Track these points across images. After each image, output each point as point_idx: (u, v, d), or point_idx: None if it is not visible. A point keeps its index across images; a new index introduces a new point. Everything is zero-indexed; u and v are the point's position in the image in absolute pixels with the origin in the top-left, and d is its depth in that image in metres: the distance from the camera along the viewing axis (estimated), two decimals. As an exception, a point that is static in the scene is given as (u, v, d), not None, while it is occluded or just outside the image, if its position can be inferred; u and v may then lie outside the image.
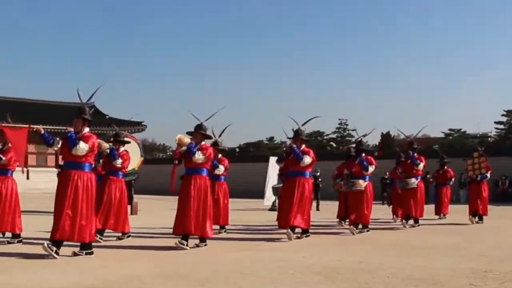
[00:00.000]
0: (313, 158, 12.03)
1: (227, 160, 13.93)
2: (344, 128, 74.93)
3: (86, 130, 9.13)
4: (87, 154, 8.94)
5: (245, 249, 10.59)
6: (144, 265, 8.53)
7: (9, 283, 6.87)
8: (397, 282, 7.10)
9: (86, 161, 9.05)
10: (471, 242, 11.97)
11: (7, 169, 10.53)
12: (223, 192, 13.61)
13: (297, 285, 6.87)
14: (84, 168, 9.00)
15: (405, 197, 15.67)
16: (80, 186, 8.81)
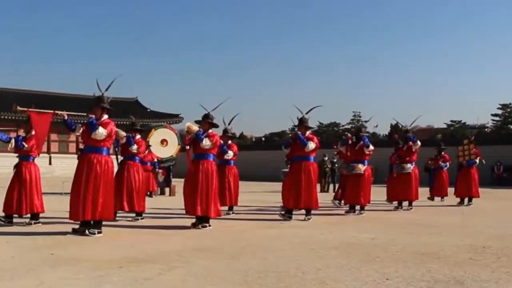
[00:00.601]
0: (316, 144, 11.93)
1: (236, 146, 13.98)
2: (357, 120, 75.45)
3: (105, 117, 9.15)
4: (105, 139, 8.96)
5: (270, 227, 10.76)
6: (180, 241, 8.69)
7: (69, 257, 7.09)
8: (405, 256, 7.24)
9: (104, 145, 9.07)
10: (471, 221, 12.06)
11: (29, 155, 10.53)
12: (233, 175, 13.48)
13: (317, 259, 7.00)
14: (102, 152, 9.04)
15: (400, 181, 15.36)
16: (98, 168, 8.82)
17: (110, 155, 9.28)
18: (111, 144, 9.43)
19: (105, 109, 9.17)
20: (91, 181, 8.75)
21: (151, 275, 5.85)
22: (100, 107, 9.11)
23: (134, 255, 7.19)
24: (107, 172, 8.99)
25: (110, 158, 9.19)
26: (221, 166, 13.07)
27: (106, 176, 8.97)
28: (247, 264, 6.58)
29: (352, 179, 13.86)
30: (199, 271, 6.11)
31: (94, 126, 8.76)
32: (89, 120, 8.92)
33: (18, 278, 5.68)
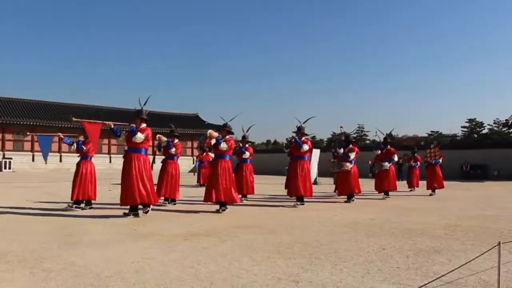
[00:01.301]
0: (310, 146, 11.93)
1: (252, 148, 14.04)
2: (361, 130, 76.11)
3: (143, 125, 9.22)
4: (143, 141, 9.00)
5: (298, 210, 10.76)
6: (228, 220, 8.73)
7: (146, 232, 7.22)
8: (397, 232, 7.23)
9: (143, 146, 9.11)
10: (447, 206, 11.92)
11: (87, 155, 10.62)
12: (248, 170, 13.44)
13: (332, 234, 7.03)
14: (141, 151, 9.09)
15: (381, 175, 15.22)
16: (137, 164, 8.89)
17: (147, 154, 9.27)
18: (148, 146, 9.36)
19: (143, 119, 9.27)
20: (133, 174, 8.82)
21: (208, 245, 5.91)
22: (139, 118, 9.22)
23: (195, 230, 7.28)
24: (144, 167, 9.00)
25: (147, 157, 9.21)
26: (240, 164, 13.42)
27: (144, 170, 8.97)
28: (279, 237, 6.62)
29: (342, 175, 13.60)
30: (243, 242, 6.17)
31: (134, 132, 8.89)
32: (131, 128, 9.05)
33: (110, 247, 5.79)
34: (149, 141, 9.22)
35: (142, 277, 4.27)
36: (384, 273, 4.51)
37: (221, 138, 10.10)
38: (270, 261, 5.00)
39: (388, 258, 5.25)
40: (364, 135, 76.50)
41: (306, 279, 4.26)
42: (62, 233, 6.87)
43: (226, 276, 4.31)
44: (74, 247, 5.74)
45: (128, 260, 4.98)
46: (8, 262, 4.82)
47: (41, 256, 5.16)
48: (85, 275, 4.32)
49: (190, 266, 4.70)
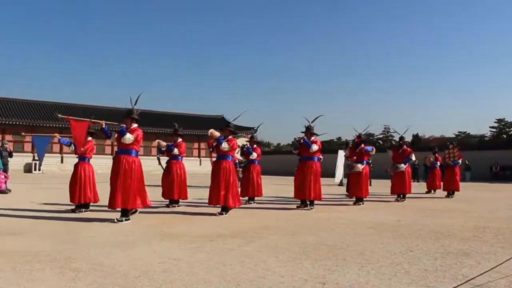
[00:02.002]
0: (319, 146, 11.31)
1: (260, 149, 13.73)
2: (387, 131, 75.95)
3: (134, 126, 8.75)
4: (133, 143, 8.51)
5: (321, 211, 10.71)
6: (254, 221, 8.75)
7: (172, 233, 7.25)
8: (424, 234, 7.16)
9: (133, 148, 8.58)
10: (475, 208, 11.77)
11: (85, 157, 10.27)
12: (256, 172, 13.08)
13: (357, 235, 6.98)
14: (131, 153, 8.56)
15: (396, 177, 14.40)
16: (127, 166, 8.39)
17: (138, 156, 8.77)
18: (139, 148, 8.83)
19: (134, 119, 8.82)
20: (121, 177, 8.35)
21: (234, 247, 5.92)
22: (130, 118, 8.78)
23: (221, 231, 7.28)
24: (135, 169, 8.49)
25: (137, 158, 8.69)
26: (247, 165, 13.23)
27: (134, 172, 8.47)
28: (305, 239, 6.60)
29: (353, 176, 13.09)
30: (269, 244, 6.16)
31: (123, 133, 8.45)
32: (120, 128, 8.61)
33: (137, 248, 5.83)
34: (140, 143, 8.77)
35: (169, 277, 4.30)
36: (411, 275, 4.46)
37: (223, 138, 9.83)
38: (296, 262, 4.99)
39: (416, 260, 5.19)
40: (390, 135, 76.37)
41: (332, 280, 4.24)
42: (90, 234, 6.95)
43: (252, 277, 4.31)
44: (102, 247, 5.81)
45: (155, 261, 5.02)
46: (39, 262, 4.90)
47: (70, 256, 5.23)
48: (112, 275, 4.37)
49: (216, 267, 4.72)
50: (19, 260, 4.99)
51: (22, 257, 5.15)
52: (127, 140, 8.44)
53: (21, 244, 6.05)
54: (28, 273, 4.43)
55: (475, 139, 67.82)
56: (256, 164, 13.31)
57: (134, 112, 8.87)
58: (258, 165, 13.36)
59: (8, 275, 4.32)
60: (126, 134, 8.44)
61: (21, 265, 4.73)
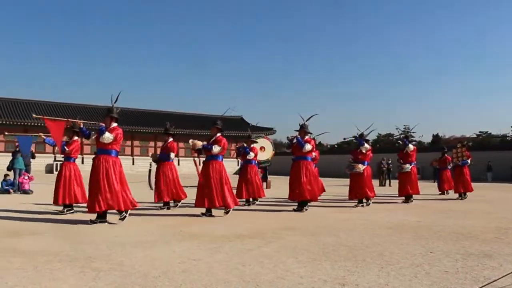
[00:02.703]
0: (313, 146, 11.00)
1: (257, 149, 13.28)
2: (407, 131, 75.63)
3: (114, 125, 8.44)
4: (112, 142, 8.18)
5: (341, 212, 10.71)
6: (273, 222, 8.74)
7: (192, 233, 7.27)
8: (445, 235, 7.09)
9: (112, 148, 8.24)
10: (496, 209, 11.63)
11: (71, 157, 10.10)
12: (253, 172, 12.63)
13: (377, 236, 6.94)
14: (111, 153, 8.22)
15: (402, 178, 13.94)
16: (107, 167, 8.06)
17: (118, 156, 8.43)
18: (119, 147, 8.48)
19: (114, 118, 8.48)
20: (101, 179, 8.01)
21: (253, 247, 5.92)
22: (109, 117, 8.44)
23: (240, 232, 7.28)
24: (114, 170, 8.16)
25: (117, 159, 8.35)
26: (244, 165, 12.80)
27: (114, 174, 8.13)
28: (324, 239, 6.57)
29: (354, 177, 12.56)
30: (288, 244, 6.15)
31: (102, 132, 8.11)
32: (100, 127, 8.25)
33: (157, 248, 5.86)
34: (120, 142, 8.43)
35: (188, 277, 4.31)
36: (432, 277, 4.42)
37: (209, 145, 9.45)
38: (316, 263, 4.97)
39: (436, 261, 5.13)
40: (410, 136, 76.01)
41: (352, 281, 4.21)
42: (109, 234, 7.00)
43: (271, 278, 4.30)
44: (122, 247, 5.84)
45: (174, 261, 5.03)
46: (60, 261, 4.94)
47: (91, 256, 5.27)
48: (132, 275, 4.39)
49: (235, 268, 4.72)
50: (40, 259, 5.05)
51: (43, 256, 5.20)
52: (106, 139, 8.13)
53: (42, 244, 6.11)
54: (49, 272, 4.47)
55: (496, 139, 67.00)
56: (254, 164, 12.94)
57: (113, 111, 8.57)
58: (255, 166, 12.99)
59: (30, 274, 4.37)
60: (105, 133, 8.14)
61: (43, 265, 4.78)
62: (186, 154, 50.73)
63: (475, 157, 16.67)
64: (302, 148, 10.73)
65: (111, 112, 8.52)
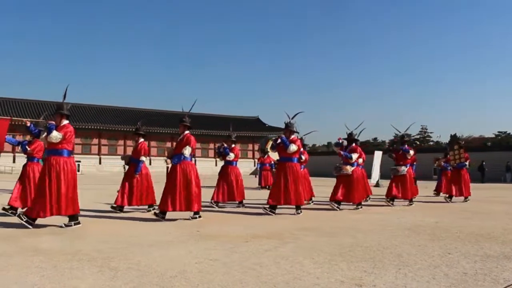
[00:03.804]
0: (299, 146, 10.16)
1: (238, 149, 12.47)
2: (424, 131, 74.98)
3: (65, 123, 7.77)
4: (61, 141, 7.55)
5: (358, 212, 10.67)
6: (290, 222, 8.74)
7: (208, 233, 7.29)
8: (463, 236, 7.03)
9: (63, 148, 7.61)
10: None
11: (33, 157, 9.48)
12: (234, 174, 11.92)
13: (394, 237, 6.90)
14: (62, 154, 7.61)
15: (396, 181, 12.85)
16: (58, 168, 7.46)
17: (71, 156, 7.81)
18: (71, 147, 7.80)
19: (64, 115, 7.84)
20: (53, 181, 7.45)
21: (270, 248, 5.92)
22: (59, 114, 7.81)
23: (256, 232, 7.28)
24: (67, 172, 7.60)
25: (70, 159, 7.75)
26: (224, 167, 12.10)
27: (66, 175, 7.59)
28: (341, 240, 6.56)
29: (342, 179, 11.53)
30: (305, 245, 6.14)
31: (50, 131, 7.49)
32: (49, 125, 7.62)
33: (174, 248, 5.88)
34: (71, 141, 7.77)
35: (205, 277, 4.32)
36: (450, 278, 4.38)
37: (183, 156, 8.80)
38: (332, 264, 4.96)
39: (454, 263, 5.09)
40: (428, 136, 75.36)
41: (369, 282, 4.19)
42: (127, 234, 7.05)
43: (288, 279, 4.30)
44: (139, 247, 5.88)
45: (191, 261, 5.05)
46: (79, 261, 4.99)
47: (109, 255, 5.31)
48: (150, 274, 4.42)
49: (252, 268, 4.72)
50: (59, 258, 5.10)
51: (62, 256, 5.26)
52: (54, 138, 7.51)
53: (61, 243, 6.17)
54: (68, 271, 4.52)
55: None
56: (235, 165, 12.26)
57: (63, 107, 7.92)
58: (236, 167, 12.29)
59: (50, 273, 4.42)
60: (53, 132, 7.51)
61: (62, 264, 4.83)
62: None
63: (494, 157, 16.09)
64: (287, 148, 10.04)
65: (60, 109, 7.90)
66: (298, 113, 10.59)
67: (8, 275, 4.34)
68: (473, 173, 32.22)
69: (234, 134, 12.41)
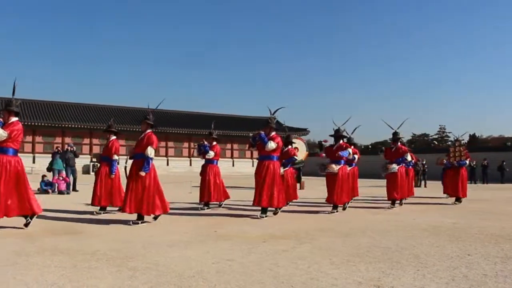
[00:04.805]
0: (278, 144, 9.46)
1: (219, 147, 11.73)
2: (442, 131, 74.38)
3: (13, 120, 7.36)
4: (7, 140, 7.13)
5: (376, 213, 10.62)
6: (307, 222, 8.72)
7: (226, 233, 7.32)
8: (482, 237, 6.96)
9: (8, 146, 7.21)
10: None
11: None
12: (213, 173, 11.21)
13: (412, 238, 6.84)
14: (7, 152, 7.21)
15: (389, 180, 12.19)
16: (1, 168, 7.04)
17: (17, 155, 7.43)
18: (18, 145, 7.42)
19: (13, 112, 7.43)
20: None
21: (287, 248, 5.91)
22: (7, 111, 7.43)
23: (273, 233, 7.29)
24: (10, 170, 7.22)
25: (15, 158, 7.36)
26: (204, 165, 11.44)
27: (11, 174, 7.22)
28: (358, 241, 6.53)
29: (328, 179, 10.76)
30: (322, 245, 6.13)
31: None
32: None
33: (192, 248, 5.90)
34: (18, 139, 7.38)
35: (222, 277, 4.33)
36: (470, 280, 4.33)
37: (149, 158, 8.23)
38: (350, 265, 4.94)
39: (474, 264, 5.03)
40: (446, 136, 74.72)
41: (387, 284, 4.17)
42: (145, 234, 7.09)
43: (305, 279, 4.29)
44: (157, 247, 5.91)
45: (209, 261, 5.06)
46: (98, 260, 5.03)
47: (127, 255, 5.35)
48: (168, 274, 4.44)
49: (269, 269, 4.72)
50: (78, 258, 5.15)
51: (81, 255, 5.31)
52: None
53: (80, 243, 6.22)
54: (87, 271, 4.56)
55: None
56: (215, 164, 11.53)
57: (12, 104, 7.52)
58: (216, 166, 11.56)
59: (69, 272, 4.46)
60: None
61: (81, 263, 4.88)
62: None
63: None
64: (265, 145, 9.40)
65: (9, 106, 7.51)
66: (280, 108, 10.18)
67: (29, 274, 4.39)
68: (493, 173, 31.98)
69: (215, 132, 11.82)
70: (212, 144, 11.49)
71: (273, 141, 9.44)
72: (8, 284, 4.07)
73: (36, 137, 45.47)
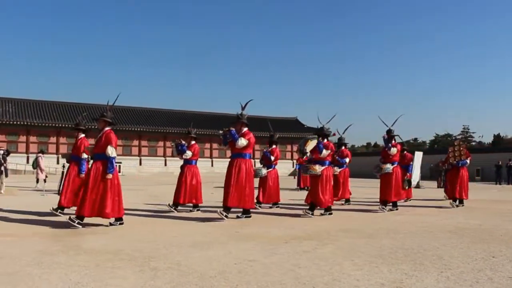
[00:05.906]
0: (249, 140, 9.02)
1: (197, 146, 11.00)
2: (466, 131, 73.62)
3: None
4: None
5: (398, 214, 10.58)
6: (329, 223, 8.71)
7: (248, 234, 7.31)
8: (507, 239, 6.91)
9: None
10: None
11: None
12: (191, 174, 10.60)
13: (435, 239, 6.78)
14: None
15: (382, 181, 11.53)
16: None
17: None
18: None
19: None
20: None
21: (309, 249, 5.90)
22: None
23: (295, 233, 7.28)
24: None
25: None
26: (182, 166, 10.84)
27: None
28: (381, 242, 6.48)
29: (312, 180, 10.32)
30: (344, 246, 6.10)
31: None
32: None
33: (214, 248, 5.92)
34: None
35: (244, 278, 4.33)
36: (495, 283, 4.27)
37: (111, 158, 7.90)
38: (372, 266, 4.90)
39: (499, 266, 4.96)
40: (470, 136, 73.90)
41: (410, 285, 4.13)
42: (167, 234, 7.14)
43: (327, 280, 4.28)
44: (179, 247, 5.94)
45: (230, 261, 5.08)
46: (121, 260, 5.08)
47: (149, 255, 5.39)
48: (189, 274, 4.46)
49: (291, 269, 4.71)
50: (101, 258, 5.20)
51: (104, 255, 5.37)
52: None
53: (103, 243, 6.29)
54: (110, 270, 4.61)
55: None
56: (193, 164, 10.91)
57: None
58: (194, 166, 10.92)
59: (92, 272, 4.52)
60: None
61: (104, 263, 4.93)
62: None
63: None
64: (235, 142, 9.00)
65: None
66: (249, 101, 9.45)
67: (53, 273, 4.45)
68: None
69: (194, 130, 11.22)
70: (190, 143, 10.97)
71: (244, 137, 9.06)
72: (34, 282, 4.14)
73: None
